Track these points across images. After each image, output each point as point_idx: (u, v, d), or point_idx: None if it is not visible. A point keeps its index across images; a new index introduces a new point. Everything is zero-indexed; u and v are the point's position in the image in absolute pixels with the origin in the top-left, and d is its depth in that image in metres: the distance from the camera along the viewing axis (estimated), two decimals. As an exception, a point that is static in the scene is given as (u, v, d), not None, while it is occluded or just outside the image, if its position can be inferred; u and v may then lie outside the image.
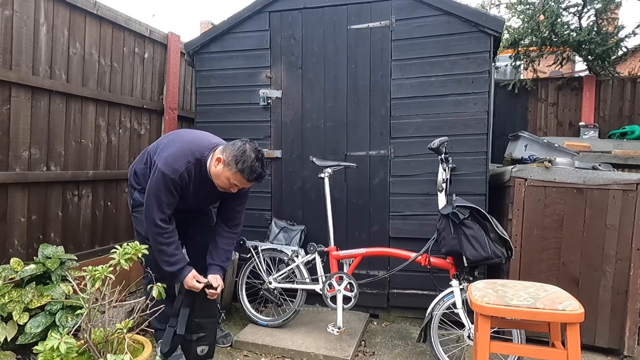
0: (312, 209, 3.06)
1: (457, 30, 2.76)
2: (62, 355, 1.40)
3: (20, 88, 2.47)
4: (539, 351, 1.75)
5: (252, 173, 1.98)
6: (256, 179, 2.02)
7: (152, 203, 2.02)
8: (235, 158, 1.97)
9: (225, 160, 2.00)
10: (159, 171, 2.01)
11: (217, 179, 2.06)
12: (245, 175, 1.98)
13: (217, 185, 2.09)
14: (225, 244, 2.30)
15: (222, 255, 2.28)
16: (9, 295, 2.10)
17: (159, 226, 2.02)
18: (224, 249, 2.29)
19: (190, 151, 2.06)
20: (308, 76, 3.07)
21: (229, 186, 2.06)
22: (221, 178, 2.03)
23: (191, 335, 2.18)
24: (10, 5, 2.41)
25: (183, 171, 2.02)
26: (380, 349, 2.56)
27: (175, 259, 2.07)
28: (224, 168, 2.01)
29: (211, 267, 2.24)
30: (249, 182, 2.03)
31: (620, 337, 2.41)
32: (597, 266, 2.43)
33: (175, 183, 2.01)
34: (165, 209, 2.03)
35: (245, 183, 2.04)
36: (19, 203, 2.51)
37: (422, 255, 2.34)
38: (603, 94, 4.74)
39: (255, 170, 1.98)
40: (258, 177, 2.01)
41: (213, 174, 2.06)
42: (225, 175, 2.01)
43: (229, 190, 2.10)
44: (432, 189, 2.74)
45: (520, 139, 3.31)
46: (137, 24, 3.34)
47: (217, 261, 2.26)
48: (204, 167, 2.08)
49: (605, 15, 4.90)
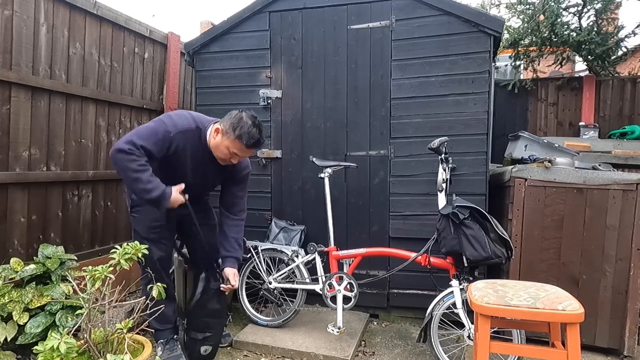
0: (312, 209, 3.06)
1: (457, 30, 2.76)
2: (62, 355, 1.40)
3: (20, 88, 2.47)
4: (539, 351, 1.75)
5: (250, 139, 2.00)
6: (254, 145, 2.04)
7: (128, 135, 1.93)
8: (233, 125, 2.00)
9: (223, 130, 2.03)
10: (158, 119, 2.03)
11: (217, 150, 2.07)
12: (244, 141, 1.99)
13: (218, 157, 2.10)
14: (234, 232, 2.30)
15: (234, 244, 2.29)
16: (9, 295, 2.10)
17: (125, 151, 1.87)
18: (234, 237, 2.30)
19: (192, 119, 2.10)
20: (308, 76, 3.07)
21: (229, 156, 2.07)
22: (220, 148, 2.05)
23: (197, 334, 2.17)
24: (10, 5, 2.41)
25: (181, 131, 2.00)
26: (380, 349, 2.56)
27: (153, 185, 1.93)
28: (222, 137, 2.03)
29: (226, 259, 2.26)
30: (248, 148, 2.03)
31: (620, 337, 2.41)
32: (597, 266, 2.43)
33: (166, 136, 1.96)
34: (138, 141, 1.90)
35: (244, 150, 2.04)
36: (19, 203, 2.51)
37: (422, 255, 2.34)
38: (603, 94, 4.74)
39: (253, 136, 2.00)
40: (256, 143, 2.03)
41: (213, 146, 2.08)
42: (225, 145, 2.03)
43: (230, 161, 2.10)
44: (432, 189, 2.74)
45: (520, 139, 3.31)
46: (137, 24, 3.34)
47: (231, 252, 2.27)
48: (203, 137, 2.09)
49: (605, 15, 4.90)
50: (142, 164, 1.91)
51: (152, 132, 1.96)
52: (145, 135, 1.94)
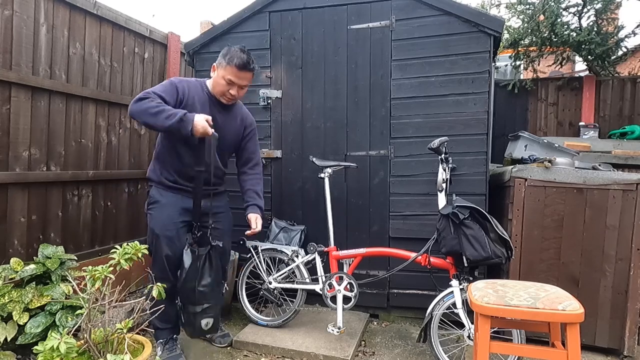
0: (312, 209, 3.06)
1: (457, 30, 2.76)
2: (62, 355, 1.40)
3: (20, 88, 2.47)
4: (539, 351, 1.75)
5: (239, 59, 2.15)
6: (245, 67, 2.17)
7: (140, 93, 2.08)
8: (223, 55, 2.20)
9: (217, 63, 2.22)
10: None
11: (217, 86, 2.22)
12: (235, 63, 2.14)
13: (219, 94, 2.24)
14: (250, 184, 2.44)
15: (252, 194, 2.42)
16: (9, 295, 2.10)
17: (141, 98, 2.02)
18: (251, 189, 2.43)
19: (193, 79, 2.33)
20: (308, 76, 3.07)
21: (227, 88, 2.20)
22: (218, 81, 2.21)
23: (195, 307, 2.11)
24: (10, 5, 2.41)
25: (183, 80, 2.23)
26: (380, 349, 2.56)
27: (175, 110, 2.03)
28: (217, 70, 2.22)
29: (249, 207, 2.39)
30: (240, 70, 2.16)
31: (620, 337, 2.41)
32: (597, 266, 2.43)
33: (172, 83, 2.17)
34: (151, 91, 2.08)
35: (237, 74, 2.17)
36: (19, 203, 2.51)
37: (422, 255, 2.34)
38: (603, 94, 4.74)
39: (242, 57, 2.16)
40: (246, 63, 2.17)
41: (213, 85, 2.25)
42: (221, 76, 2.19)
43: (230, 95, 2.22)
44: (432, 189, 2.74)
45: (520, 139, 3.31)
46: (137, 24, 3.34)
47: (251, 201, 2.40)
48: (205, 88, 2.27)
49: (605, 16, 4.90)
50: (160, 102, 2.05)
51: (161, 85, 2.17)
52: (156, 88, 2.13)
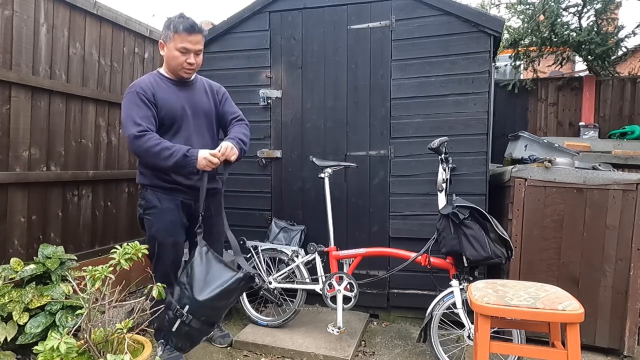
0: (312, 209, 3.06)
1: (457, 30, 2.76)
2: (62, 355, 1.40)
3: (20, 88, 2.47)
4: (539, 351, 1.75)
5: (185, 23, 2.05)
6: (193, 27, 2.06)
7: (126, 123, 2.02)
8: (167, 27, 2.09)
9: (163, 39, 2.12)
10: (124, 96, 2.11)
11: (172, 61, 2.13)
12: (181, 28, 2.04)
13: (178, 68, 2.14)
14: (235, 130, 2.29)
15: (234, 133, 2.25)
16: (9, 295, 2.10)
17: (139, 136, 1.97)
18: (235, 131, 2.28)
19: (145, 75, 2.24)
20: (308, 76, 3.07)
21: (184, 58, 2.10)
22: (173, 55, 2.11)
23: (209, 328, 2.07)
24: (10, 5, 2.41)
25: (142, 81, 2.11)
26: (380, 349, 2.56)
27: (178, 147, 2.00)
28: (167, 45, 2.11)
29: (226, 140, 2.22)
30: (190, 34, 2.06)
31: (620, 337, 2.41)
32: (597, 266, 2.43)
33: (139, 94, 2.06)
34: (140, 121, 2.00)
35: (188, 38, 2.07)
36: (19, 203, 2.51)
37: (422, 255, 2.34)
38: (603, 94, 4.74)
39: (186, 21, 2.06)
40: (193, 24, 2.07)
41: (167, 63, 2.16)
42: (172, 48, 2.09)
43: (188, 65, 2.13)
44: (432, 189, 2.74)
45: (520, 139, 3.31)
46: (137, 24, 3.35)
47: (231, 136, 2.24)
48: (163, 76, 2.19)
49: (605, 16, 4.90)
50: (157, 138, 2.00)
51: (135, 104, 2.05)
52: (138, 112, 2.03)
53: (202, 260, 2.02)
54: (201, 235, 2.12)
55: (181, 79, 2.22)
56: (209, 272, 1.98)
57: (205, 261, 2.02)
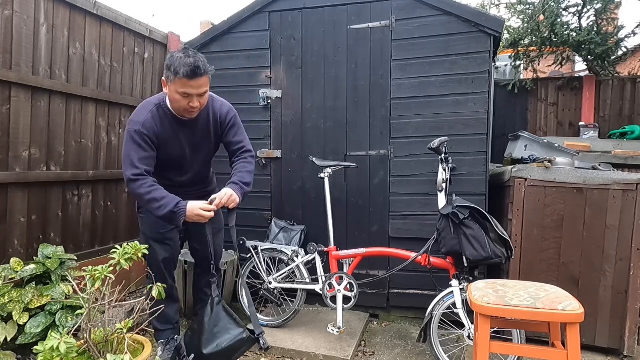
0: (312, 209, 3.06)
1: (457, 30, 2.76)
2: (62, 355, 1.40)
3: (20, 88, 2.47)
4: (539, 351, 1.75)
5: (186, 67, 1.85)
6: (194, 73, 1.86)
7: (125, 163, 1.95)
8: (168, 67, 1.90)
9: (165, 78, 1.94)
10: (126, 131, 2.00)
11: (175, 104, 1.97)
12: (183, 73, 1.85)
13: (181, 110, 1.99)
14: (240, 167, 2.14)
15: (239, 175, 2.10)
16: (9, 295, 2.10)
17: (134, 180, 1.90)
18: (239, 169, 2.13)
19: (149, 102, 2.06)
20: (308, 76, 3.07)
21: (187, 102, 1.93)
22: (175, 99, 1.94)
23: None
24: (10, 5, 2.41)
25: (145, 119, 1.97)
26: (380, 349, 2.56)
27: (168, 199, 1.89)
28: (169, 86, 1.93)
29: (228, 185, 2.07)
30: (191, 79, 1.86)
31: (620, 337, 2.41)
32: (597, 266, 2.43)
33: (141, 134, 1.95)
34: (139, 164, 1.93)
35: (189, 84, 1.88)
36: (19, 203, 2.51)
37: (422, 255, 2.34)
38: (603, 94, 4.74)
39: (188, 64, 1.85)
40: (195, 69, 1.85)
41: (170, 102, 2.00)
42: (174, 90, 1.91)
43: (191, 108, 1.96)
44: (432, 189, 2.74)
45: (520, 139, 3.31)
46: (137, 24, 3.34)
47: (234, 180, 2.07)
48: (166, 109, 2.03)
49: (605, 16, 4.90)
50: (151, 184, 1.92)
51: (136, 144, 1.95)
52: (137, 154, 1.94)
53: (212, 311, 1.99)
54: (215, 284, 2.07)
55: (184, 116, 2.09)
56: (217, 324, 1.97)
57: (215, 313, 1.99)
